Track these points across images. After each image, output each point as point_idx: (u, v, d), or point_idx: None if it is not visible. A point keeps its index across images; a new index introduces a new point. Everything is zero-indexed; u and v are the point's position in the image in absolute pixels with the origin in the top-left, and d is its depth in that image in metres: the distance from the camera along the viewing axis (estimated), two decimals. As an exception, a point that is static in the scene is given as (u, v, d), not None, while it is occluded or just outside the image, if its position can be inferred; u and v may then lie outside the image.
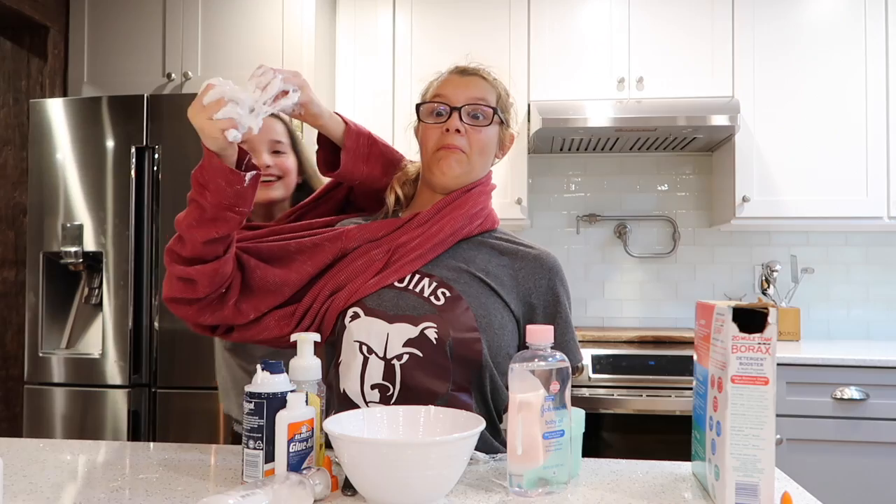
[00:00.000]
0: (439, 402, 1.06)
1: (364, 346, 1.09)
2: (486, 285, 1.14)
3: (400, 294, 1.12)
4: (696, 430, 0.97)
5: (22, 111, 2.82)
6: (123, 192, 2.48)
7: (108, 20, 2.81)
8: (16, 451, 1.12)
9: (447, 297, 1.11)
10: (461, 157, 1.15)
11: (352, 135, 1.18)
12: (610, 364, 2.45)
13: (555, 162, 3.17)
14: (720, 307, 0.86)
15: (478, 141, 1.15)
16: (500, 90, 1.20)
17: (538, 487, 0.89)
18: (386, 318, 1.10)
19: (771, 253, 3.02)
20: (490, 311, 1.12)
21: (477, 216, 1.18)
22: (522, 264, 1.17)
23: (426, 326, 1.08)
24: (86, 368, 2.47)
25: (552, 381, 0.89)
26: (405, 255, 1.14)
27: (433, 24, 2.88)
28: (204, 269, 1.07)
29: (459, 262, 1.16)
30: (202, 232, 1.04)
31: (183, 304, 1.12)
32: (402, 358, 1.08)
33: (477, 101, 1.16)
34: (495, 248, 1.19)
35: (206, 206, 1.03)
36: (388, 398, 1.07)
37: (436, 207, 1.16)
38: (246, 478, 0.92)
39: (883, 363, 2.33)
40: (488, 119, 1.16)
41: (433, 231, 1.14)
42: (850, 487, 2.34)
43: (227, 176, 1.02)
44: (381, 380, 1.07)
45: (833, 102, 2.70)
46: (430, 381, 1.07)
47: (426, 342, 1.08)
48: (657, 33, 2.79)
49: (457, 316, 1.09)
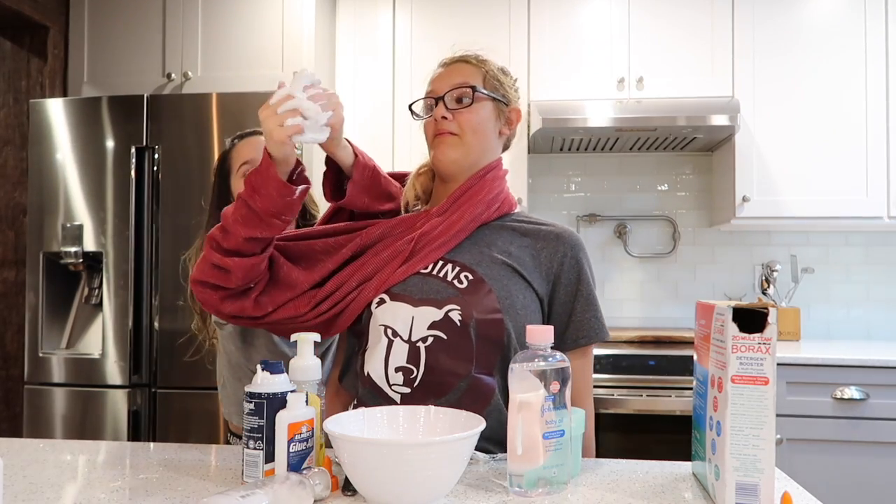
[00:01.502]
0: (462, 383, 1.09)
1: (389, 329, 1.12)
2: (508, 267, 1.16)
3: (424, 279, 1.15)
4: (696, 430, 0.97)
5: (22, 111, 2.82)
6: (123, 192, 2.48)
7: (108, 20, 2.81)
8: (16, 451, 1.12)
9: (470, 281, 1.13)
10: (454, 139, 1.18)
11: (360, 167, 1.20)
12: (610, 364, 2.45)
13: (555, 162, 3.17)
14: (720, 307, 0.86)
15: (467, 121, 1.18)
16: (488, 68, 1.23)
17: (538, 487, 0.89)
18: (411, 301, 1.13)
19: (771, 253, 3.02)
20: (512, 293, 1.14)
21: (494, 200, 1.21)
22: (544, 244, 1.20)
23: (450, 309, 1.11)
24: (86, 368, 2.47)
25: (552, 381, 0.89)
26: (429, 244, 1.17)
27: (433, 24, 2.88)
28: (242, 262, 1.10)
29: (482, 246, 1.18)
30: (246, 230, 1.08)
31: (210, 288, 1.14)
32: (426, 340, 1.10)
33: (458, 86, 1.19)
34: (516, 230, 1.21)
35: (255, 208, 1.07)
36: (411, 381, 1.09)
37: (453, 196, 1.19)
38: (246, 478, 0.92)
39: (883, 363, 2.33)
40: (471, 98, 1.19)
41: (454, 219, 1.17)
42: (850, 487, 2.34)
43: (279, 188, 1.06)
44: (405, 362, 1.10)
45: (833, 102, 2.70)
46: (454, 362, 1.09)
47: (450, 324, 1.10)
48: (657, 33, 2.79)
49: (479, 298, 1.11)
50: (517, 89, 1.28)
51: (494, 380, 1.12)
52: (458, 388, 1.09)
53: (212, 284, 1.13)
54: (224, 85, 2.63)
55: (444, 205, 1.19)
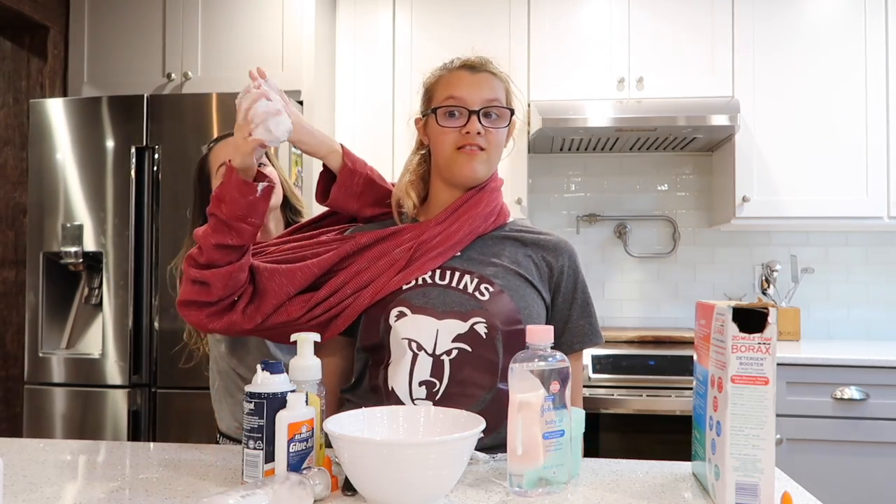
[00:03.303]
0: (487, 395, 1.10)
1: (413, 342, 1.12)
2: (521, 277, 1.18)
3: (445, 291, 1.15)
4: (696, 430, 0.97)
5: (22, 111, 2.82)
6: (123, 192, 2.48)
7: (108, 20, 2.81)
8: (16, 451, 1.12)
9: (490, 292, 1.15)
10: (482, 155, 1.19)
11: (346, 172, 1.23)
12: (610, 364, 2.45)
13: (555, 162, 3.17)
14: (720, 307, 0.86)
15: (495, 139, 1.20)
16: (507, 83, 1.24)
17: (538, 487, 0.89)
18: (434, 314, 1.13)
19: (771, 253, 3.02)
20: (529, 302, 1.16)
21: (492, 213, 1.23)
22: (544, 252, 1.23)
23: (476, 322, 1.12)
24: (86, 368, 2.47)
25: (552, 381, 0.89)
26: (426, 253, 1.17)
27: (433, 24, 2.88)
28: (218, 272, 1.12)
29: (491, 257, 1.20)
30: (216, 237, 1.11)
31: (194, 308, 1.16)
32: (451, 353, 1.11)
33: (492, 103, 1.19)
34: (518, 240, 1.23)
35: (222, 216, 1.11)
36: (433, 394, 1.09)
37: (453, 207, 1.20)
38: (246, 478, 0.92)
39: (883, 363, 2.33)
40: (505, 119, 1.20)
41: (453, 230, 1.18)
42: (850, 487, 2.34)
43: (240, 187, 1.10)
44: (429, 376, 1.10)
45: (833, 102, 2.70)
46: (479, 375, 1.10)
47: (476, 337, 1.11)
48: (657, 33, 2.78)
49: (502, 309, 1.13)
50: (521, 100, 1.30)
51: None
52: (482, 400, 1.10)
53: (196, 302, 1.15)
54: (224, 85, 2.63)
55: (443, 215, 1.19)
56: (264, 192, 1.12)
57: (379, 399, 1.13)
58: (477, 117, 1.17)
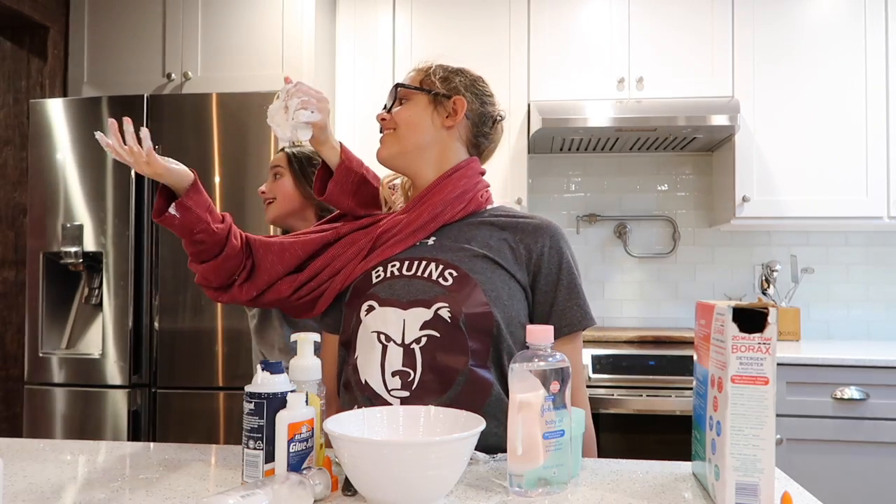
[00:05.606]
0: (460, 377, 1.10)
1: (381, 335, 1.13)
2: (489, 260, 1.18)
3: (410, 281, 1.17)
4: (696, 430, 0.97)
5: (22, 111, 2.82)
6: (123, 192, 2.48)
7: (108, 20, 2.81)
8: (16, 451, 1.12)
9: (454, 277, 1.15)
10: (390, 135, 1.26)
11: (342, 169, 1.27)
12: (610, 364, 2.45)
13: (555, 162, 3.17)
14: (720, 307, 0.86)
15: (398, 116, 1.26)
16: (431, 70, 1.28)
17: (538, 487, 0.89)
18: (400, 305, 1.14)
19: (771, 253, 3.02)
20: (497, 285, 1.16)
21: (458, 200, 1.24)
22: (522, 235, 1.21)
23: (439, 307, 1.13)
24: (86, 368, 2.47)
25: (552, 380, 0.89)
26: (387, 241, 1.23)
27: (433, 25, 2.88)
28: (207, 266, 1.25)
29: (461, 242, 1.21)
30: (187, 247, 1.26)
31: (205, 287, 1.31)
32: (420, 341, 1.12)
33: (397, 90, 1.28)
34: (495, 225, 1.24)
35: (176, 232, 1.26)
36: (409, 384, 1.10)
37: (419, 196, 1.25)
38: (246, 478, 0.92)
39: (883, 363, 2.33)
40: (413, 98, 1.26)
41: (413, 216, 1.23)
42: (850, 487, 2.34)
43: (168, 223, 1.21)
44: (401, 366, 1.11)
45: (833, 102, 2.70)
46: (450, 358, 1.11)
47: (441, 322, 1.12)
48: (657, 33, 2.79)
49: (466, 293, 1.13)
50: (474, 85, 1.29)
51: (491, 372, 1.13)
52: (457, 384, 1.10)
53: (203, 284, 1.31)
54: (224, 85, 2.63)
55: (409, 204, 1.25)
56: (182, 211, 1.19)
57: (351, 394, 1.16)
58: (385, 106, 1.28)
